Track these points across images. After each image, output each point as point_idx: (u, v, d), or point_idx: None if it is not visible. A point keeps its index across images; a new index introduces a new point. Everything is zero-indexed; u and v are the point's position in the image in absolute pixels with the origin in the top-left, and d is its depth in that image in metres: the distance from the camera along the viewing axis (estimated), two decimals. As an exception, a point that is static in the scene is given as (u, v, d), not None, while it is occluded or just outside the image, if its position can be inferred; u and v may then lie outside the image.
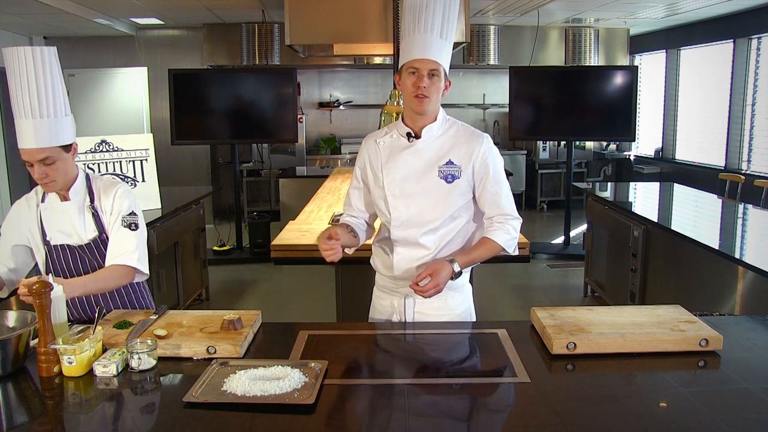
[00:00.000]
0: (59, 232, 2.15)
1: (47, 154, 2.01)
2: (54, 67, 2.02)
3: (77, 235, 2.16)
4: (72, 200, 2.15)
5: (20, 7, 6.29)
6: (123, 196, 2.19)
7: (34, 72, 1.97)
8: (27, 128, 1.98)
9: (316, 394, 1.51)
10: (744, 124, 7.11)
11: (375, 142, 2.13)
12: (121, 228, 2.15)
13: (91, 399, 1.57)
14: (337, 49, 5.36)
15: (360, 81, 9.65)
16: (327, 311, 4.62)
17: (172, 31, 8.58)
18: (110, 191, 2.19)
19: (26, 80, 1.97)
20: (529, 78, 7.06)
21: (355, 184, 2.22)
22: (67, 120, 2.06)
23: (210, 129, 6.84)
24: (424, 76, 1.96)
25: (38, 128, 1.98)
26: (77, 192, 2.16)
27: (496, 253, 2.09)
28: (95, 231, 2.17)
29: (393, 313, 2.19)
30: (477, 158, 2.04)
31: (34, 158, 2.01)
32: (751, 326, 2.02)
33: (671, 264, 3.86)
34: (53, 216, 2.16)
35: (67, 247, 2.16)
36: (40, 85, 1.97)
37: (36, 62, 1.97)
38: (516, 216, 2.11)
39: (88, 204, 2.17)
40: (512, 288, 5.78)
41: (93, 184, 2.21)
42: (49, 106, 1.99)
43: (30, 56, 1.97)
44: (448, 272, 1.98)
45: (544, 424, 1.43)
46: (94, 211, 2.17)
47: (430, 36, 1.97)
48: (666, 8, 6.99)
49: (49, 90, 1.99)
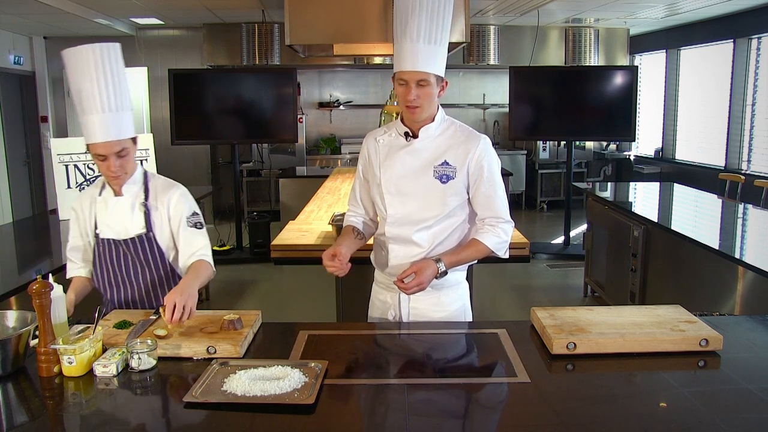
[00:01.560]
0: (107, 226, 2.18)
1: (123, 145, 2.06)
2: (116, 64, 2.06)
3: (124, 230, 2.17)
4: (125, 195, 2.17)
5: (20, 7, 6.29)
6: (182, 198, 2.22)
7: (97, 68, 2.01)
8: (97, 122, 2.01)
9: (316, 394, 1.51)
10: (744, 124, 7.11)
11: (375, 139, 2.16)
12: (188, 228, 2.18)
13: (91, 399, 1.57)
14: (337, 49, 5.35)
15: (360, 81, 9.65)
16: (327, 311, 4.62)
17: (172, 31, 8.58)
18: (167, 193, 2.21)
19: (94, 76, 2.00)
20: (529, 78, 7.06)
21: (360, 180, 2.25)
22: (131, 115, 2.12)
23: (210, 129, 6.83)
24: (413, 88, 1.97)
25: (109, 122, 2.02)
26: (131, 188, 2.18)
27: (484, 255, 2.10)
28: (143, 228, 2.17)
29: (389, 309, 2.21)
30: (472, 159, 2.05)
31: (111, 151, 2.04)
32: (751, 326, 2.02)
33: (671, 264, 3.86)
34: (106, 210, 2.18)
35: (112, 242, 2.18)
36: (103, 80, 2.01)
37: (98, 59, 2.01)
38: (508, 219, 2.11)
39: (142, 201, 2.18)
40: (512, 288, 5.78)
41: (150, 181, 2.23)
42: (116, 100, 2.04)
43: (97, 53, 2.01)
44: (433, 271, 1.99)
45: (544, 424, 1.43)
46: (146, 209, 2.18)
47: (416, 45, 1.95)
48: (666, 8, 6.99)
49: (114, 85, 2.03)
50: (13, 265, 3.28)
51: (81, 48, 2.01)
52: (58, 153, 4.01)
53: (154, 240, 2.19)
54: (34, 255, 3.60)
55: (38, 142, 8.71)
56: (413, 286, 1.96)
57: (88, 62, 2.01)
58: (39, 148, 8.69)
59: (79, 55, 2.01)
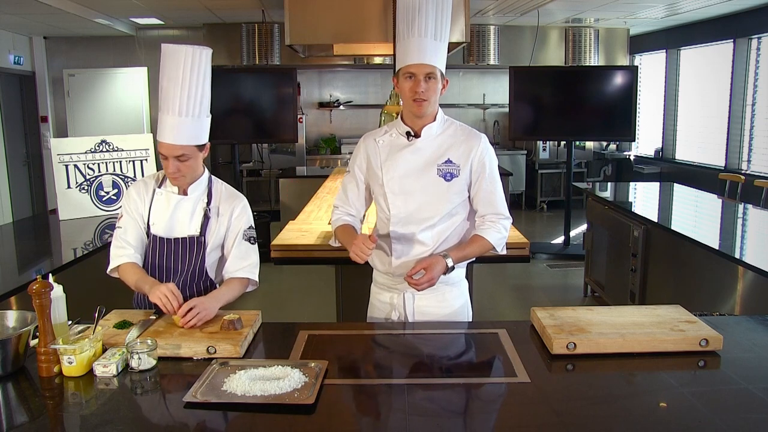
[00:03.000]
0: (160, 222, 2.17)
1: (183, 151, 2.07)
2: (204, 69, 2.06)
3: (178, 228, 2.17)
4: (190, 196, 2.17)
5: (20, 7, 6.29)
6: (244, 210, 2.23)
7: (184, 71, 2.02)
8: (170, 124, 2.04)
9: (316, 394, 1.50)
10: (744, 124, 7.11)
11: (374, 140, 2.17)
12: (243, 242, 2.20)
13: (91, 399, 1.57)
14: (337, 49, 5.36)
15: (360, 81, 9.65)
16: (327, 311, 4.62)
17: (172, 31, 8.58)
18: (232, 202, 2.21)
19: (178, 78, 2.02)
20: (529, 78, 7.06)
21: (352, 180, 2.24)
22: (207, 121, 2.13)
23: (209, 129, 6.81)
24: (421, 81, 2.00)
25: (180, 126, 2.04)
26: (196, 189, 2.19)
27: (487, 250, 2.14)
28: (197, 230, 2.17)
29: (392, 310, 2.21)
30: (475, 157, 2.09)
31: (171, 153, 2.06)
32: (751, 326, 2.02)
33: (671, 264, 3.86)
34: (163, 205, 2.18)
35: (158, 239, 2.17)
36: (187, 84, 2.02)
37: (187, 62, 2.02)
38: (507, 216, 2.16)
39: (204, 205, 2.18)
40: (512, 288, 5.78)
41: (214, 187, 2.24)
42: (193, 106, 2.05)
43: (188, 55, 2.02)
44: (442, 267, 2.02)
45: (544, 424, 1.43)
46: (206, 213, 2.18)
47: (424, 40, 1.99)
48: (666, 8, 6.99)
49: (195, 90, 2.04)
50: (13, 265, 3.28)
51: (175, 47, 2.03)
52: (58, 153, 4.01)
53: (204, 244, 2.18)
54: (34, 255, 3.60)
55: (38, 142, 8.71)
56: (424, 282, 1.98)
57: (177, 63, 2.02)
58: (39, 148, 8.70)
59: (170, 54, 2.03)
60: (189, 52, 2.02)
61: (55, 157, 4.00)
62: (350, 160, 2.27)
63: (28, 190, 8.68)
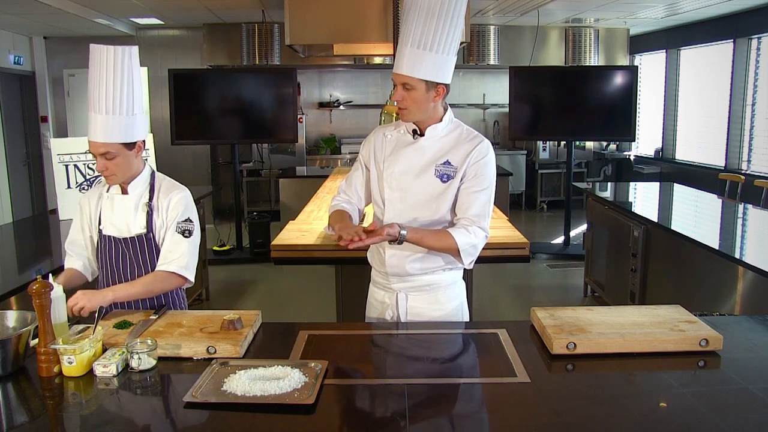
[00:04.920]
0: (110, 224, 2.21)
1: (108, 149, 2.08)
2: (130, 67, 2.08)
3: (126, 228, 2.20)
4: (130, 194, 2.20)
5: (20, 7, 6.29)
6: (181, 201, 2.22)
7: (107, 70, 2.05)
8: (94, 122, 2.07)
9: (316, 394, 1.50)
10: (744, 124, 7.11)
11: (384, 134, 2.18)
12: (176, 234, 2.18)
13: (91, 399, 1.57)
14: (337, 49, 5.36)
15: (360, 81, 9.65)
16: (327, 311, 4.62)
17: (172, 31, 8.58)
18: (168, 194, 2.22)
19: (100, 77, 2.05)
20: (529, 78, 7.06)
21: (358, 168, 2.24)
22: (135, 119, 2.12)
23: (210, 129, 6.83)
24: (399, 90, 2.01)
25: (104, 124, 2.06)
26: (136, 187, 2.21)
27: (447, 249, 2.02)
28: (144, 228, 2.19)
29: (386, 309, 2.21)
30: (471, 159, 2.06)
31: (96, 151, 2.10)
32: (751, 326, 2.02)
33: (671, 264, 3.86)
34: (110, 207, 2.21)
35: (113, 239, 2.20)
36: (109, 82, 2.05)
37: (110, 61, 2.05)
38: (484, 227, 2.04)
39: (146, 201, 2.21)
40: (512, 288, 5.78)
41: (156, 182, 2.25)
42: (119, 104, 2.07)
43: (110, 55, 2.05)
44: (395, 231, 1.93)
45: (544, 424, 1.43)
46: (149, 209, 2.20)
47: (405, 48, 1.99)
48: (666, 8, 6.99)
49: (120, 89, 2.06)
50: (13, 265, 3.28)
51: (99, 47, 2.06)
52: (58, 153, 4.01)
53: (153, 241, 2.20)
54: (34, 255, 3.60)
55: (38, 142, 8.71)
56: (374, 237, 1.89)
57: (101, 63, 2.05)
58: (39, 148, 8.70)
59: (95, 54, 2.06)
60: (112, 51, 2.05)
61: (55, 157, 4.00)
62: (360, 150, 2.28)
63: (28, 190, 8.68)
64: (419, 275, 2.13)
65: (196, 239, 2.24)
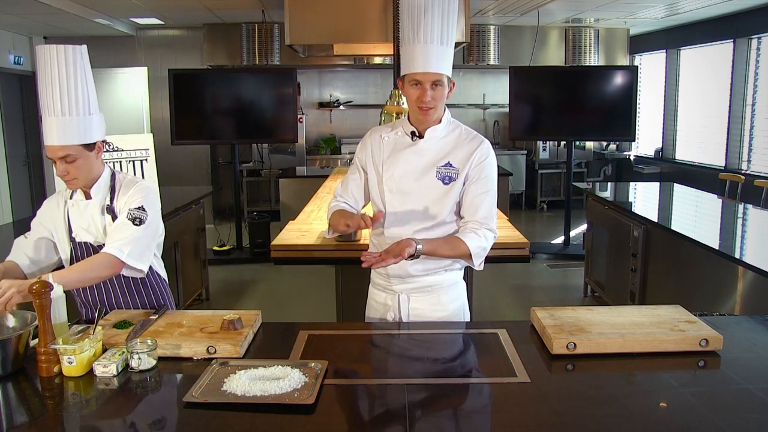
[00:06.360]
0: (83, 230, 2.17)
1: (68, 152, 2.03)
2: (80, 66, 2.04)
3: (99, 233, 2.16)
4: (94, 199, 2.16)
5: (20, 7, 6.29)
6: (137, 192, 2.16)
7: (58, 70, 2.00)
8: (50, 126, 2.02)
9: (316, 394, 1.50)
10: (744, 124, 7.11)
11: (380, 137, 2.15)
12: (125, 220, 2.11)
13: (91, 399, 1.57)
14: (337, 49, 5.36)
15: (360, 81, 9.65)
16: (327, 311, 4.62)
17: (172, 31, 8.58)
18: (128, 189, 2.17)
19: (51, 78, 2.00)
20: (529, 78, 7.06)
21: (355, 172, 2.22)
22: (92, 119, 2.08)
23: (210, 129, 6.84)
24: (428, 89, 1.97)
25: (61, 126, 2.01)
26: (99, 190, 2.17)
27: (461, 255, 2.03)
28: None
29: (387, 311, 2.20)
30: (473, 161, 2.05)
31: (55, 155, 2.04)
32: (751, 326, 2.02)
33: (671, 264, 3.86)
34: (78, 213, 2.17)
35: (90, 246, 2.17)
36: (63, 83, 2.00)
37: (61, 61, 2.00)
38: (492, 228, 2.06)
39: (107, 204, 2.17)
40: (512, 288, 5.78)
41: (117, 183, 2.20)
42: (72, 105, 2.02)
43: (60, 54, 2.00)
44: (411, 249, 1.92)
45: (544, 424, 1.43)
46: (112, 212, 2.16)
47: (430, 46, 1.95)
48: (666, 8, 6.99)
49: (72, 89, 2.02)
50: (13, 265, 3.27)
51: (47, 48, 2.01)
52: (58, 153, 4.00)
53: None
54: (34, 255, 3.59)
55: (38, 142, 8.70)
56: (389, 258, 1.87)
57: (51, 64, 2.00)
58: (39, 148, 8.68)
59: (45, 54, 2.01)
60: (63, 51, 2.01)
61: (55, 157, 3.99)
62: (356, 152, 2.24)
63: (28, 190, 8.68)
64: (421, 276, 2.13)
65: (149, 230, 2.13)
